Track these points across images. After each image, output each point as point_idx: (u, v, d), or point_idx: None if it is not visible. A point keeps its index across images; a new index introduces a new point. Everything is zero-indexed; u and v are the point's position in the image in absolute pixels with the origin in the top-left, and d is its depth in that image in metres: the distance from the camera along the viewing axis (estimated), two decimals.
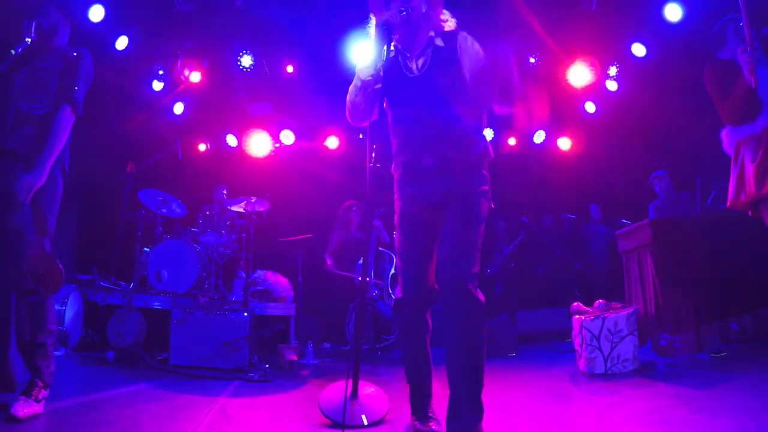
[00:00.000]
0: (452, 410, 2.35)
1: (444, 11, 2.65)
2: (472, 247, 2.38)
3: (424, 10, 2.51)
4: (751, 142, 3.06)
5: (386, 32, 2.40)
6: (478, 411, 2.31)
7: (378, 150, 2.50)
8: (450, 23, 2.62)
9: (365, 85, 2.53)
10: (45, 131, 2.91)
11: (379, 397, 3.00)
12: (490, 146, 2.59)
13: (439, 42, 2.55)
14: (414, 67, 2.55)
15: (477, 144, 2.52)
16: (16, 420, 2.60)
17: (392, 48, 2.46)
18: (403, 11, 2.43)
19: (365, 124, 2.56)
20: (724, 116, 3.21)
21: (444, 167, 2.46)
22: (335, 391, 2.91)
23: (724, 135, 3.23)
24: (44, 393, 2.81)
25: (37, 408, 2.74)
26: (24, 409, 2.66)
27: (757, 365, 3.64)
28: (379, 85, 2.46)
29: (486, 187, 2.51)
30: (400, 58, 2.59)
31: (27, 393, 2.73)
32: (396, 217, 2.65)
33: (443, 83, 2.47)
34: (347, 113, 2.69)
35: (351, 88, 2.61)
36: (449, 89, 2.47)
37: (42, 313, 2.85)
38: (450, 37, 2.55)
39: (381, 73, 2.45)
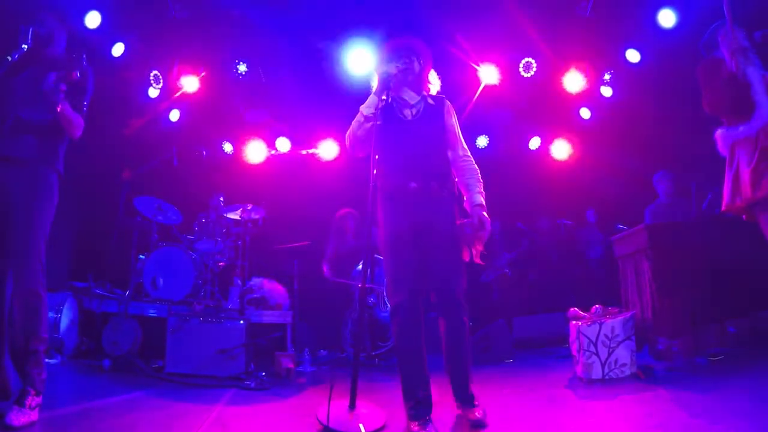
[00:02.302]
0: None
1: (432, 72, 3.37)
2: (459, 264, 2.99)
3: (417, 70, 3.19)
4: (746, 144, 3.06)
5: (386, 80, 3.02)
6: (469, 394, 2.95)
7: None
8: (436, 86, 3.38)
9: (368, 120, 3.04)
10: (45, 140, 2.98)
11: (376, 409, 3.01)
12: (456, 184, 3.20)
13: (430, 101, 3.22)
14: (408, 114, 3.17)
15: (448, 180, 3.12)
16: (12, 429, 2.59)
17: (389, 96, 3.06)
18: (400, 65, 3.09)
19: (363, 154, 3.10)
20: (706, 103, 3.21)
21: (426, 191, 2.99)
22: (334, 405, 2.93)
23: (719, 136, 3.23)
24: (37, 400, 2.80)
25: (32, 416, 2.73)
26: (19, 418, 2.65)
27: (755, 368, 3.64)
28: (379, 122, 3.01)
29: (457, 217, 3.08)
30: (395, 105, 3.18)
31: (20, 402, 2.72)
32: (384, 235, 3.01)
33: (430, 131, 3.13)
34: (348, 144, 3.17)
35: (354, 122, 3.12)
36: (433, 136, 3.13)
37: (36, 320, 2.85)
38: (438, 100, 3.25)
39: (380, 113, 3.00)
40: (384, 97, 3.02)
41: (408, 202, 2.96)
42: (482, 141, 8.36)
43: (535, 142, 8.40)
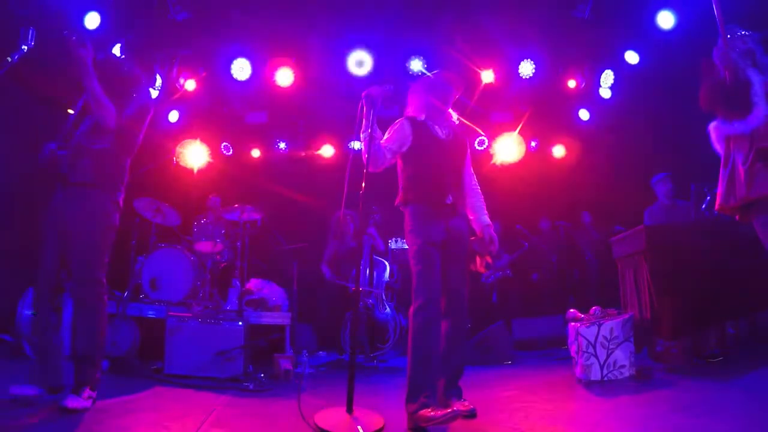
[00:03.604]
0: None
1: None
2: (467, 274, 3.36)
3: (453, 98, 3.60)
4: (742, 142, 3.05)
5: (372, 101, 3.27)
6: (459, 388, 3.26)
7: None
8: (454, 116, 3.61)
9: (365, 142, 3.25)
10: (100, 164, 3.28)
11: (373, 412, 3.01)
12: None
13: (455, 128, 3.60)
14: (441, 133, 3.48)
15: (465, 200, 3.51)
16: (67, 411, 2.94)
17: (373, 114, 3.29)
18: (387, 88, 3.34)
19: (380, 170, 3.38)
20: (701, 98, 3.22)
21: (455, 207, 3.36)
22: (331, 410, 2.94)
23: (712, 129, 3.22)
24: (93, 395, 3.15)
25: (86, 404, 3.07)
26: (74, 402, 3.00)
27: (754, 369, 3.64)
28: (371, 136, 3.25)
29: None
30: (429, 124, 3.48)
31: (77, 392, 3.08)
32: (419, 242, 3.19)
33: (459, 151, 3.52)
34: (367, 164, 3.29)
35: (364, 146, 3.30)
36: (461, 159, 3.52)
37: (94, 329, 3.21)
38: (461, 128, 3.66)
39: (376, 133, 3.28)
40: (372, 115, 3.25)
41: (441, 214, 3.29)
42: (482, 143, 8.36)
43: (534, 144, 8.40)
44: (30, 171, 5.09)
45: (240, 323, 4.76)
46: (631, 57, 6.81)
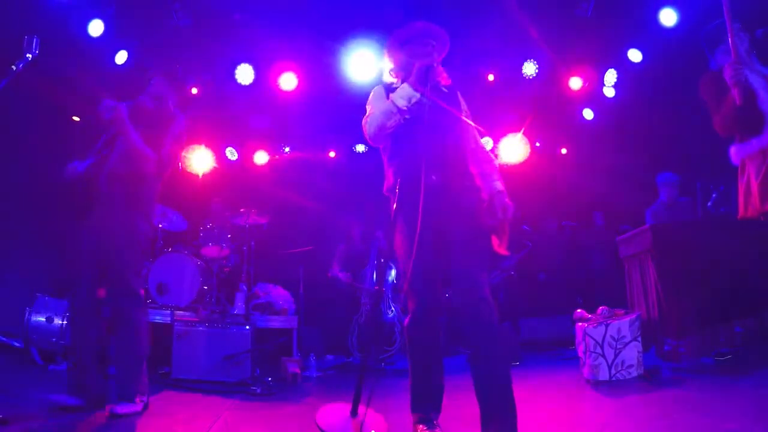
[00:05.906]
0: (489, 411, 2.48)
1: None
2: (483, 259, 2.73)
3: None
4: (756, 156, 3.10)
5: (427, 72, 2.70)
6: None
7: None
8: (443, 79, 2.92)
9: (401, 113, 2.69)
10: (133, 189, 3.37)
11: (378, 416, 2.99)
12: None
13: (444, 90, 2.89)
14: (422, 99, 2.78)
15: (467, 173, 2.85)
16: (117, 416, 3.02)
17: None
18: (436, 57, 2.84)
19: (382, 145, 2.86)
20: (718, 125, 3.24)
21: (451, 184, 2.73)
22: (333, 409, 2.92)
23: (733, 151, 3.26)
24: (144, 399, 3.26)
25: (137, 407, 3.17)
26: (124, 408, 3.08)
27: (762, 368, 3.62)
28: (408, 116, 2.69)
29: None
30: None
31: (128, 399, 3.16)
32: (400, 237, 2.73)
33: (445, 119, 2.80)
34: (372, 133, 2.80)
35: (381, 113, 2.75)
36: (449, 125, 2.83)
37: (125, 338, 3.28)
38: (449, 91, 2.95)
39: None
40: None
41: (428, 196, 2.62)
42: (486, 144, 8.36)
43: (539, 144, 8.39)
44: (30, 179, 5.15)
45: (247, 327, 4.77)
46: (634, 55, 6.80)
